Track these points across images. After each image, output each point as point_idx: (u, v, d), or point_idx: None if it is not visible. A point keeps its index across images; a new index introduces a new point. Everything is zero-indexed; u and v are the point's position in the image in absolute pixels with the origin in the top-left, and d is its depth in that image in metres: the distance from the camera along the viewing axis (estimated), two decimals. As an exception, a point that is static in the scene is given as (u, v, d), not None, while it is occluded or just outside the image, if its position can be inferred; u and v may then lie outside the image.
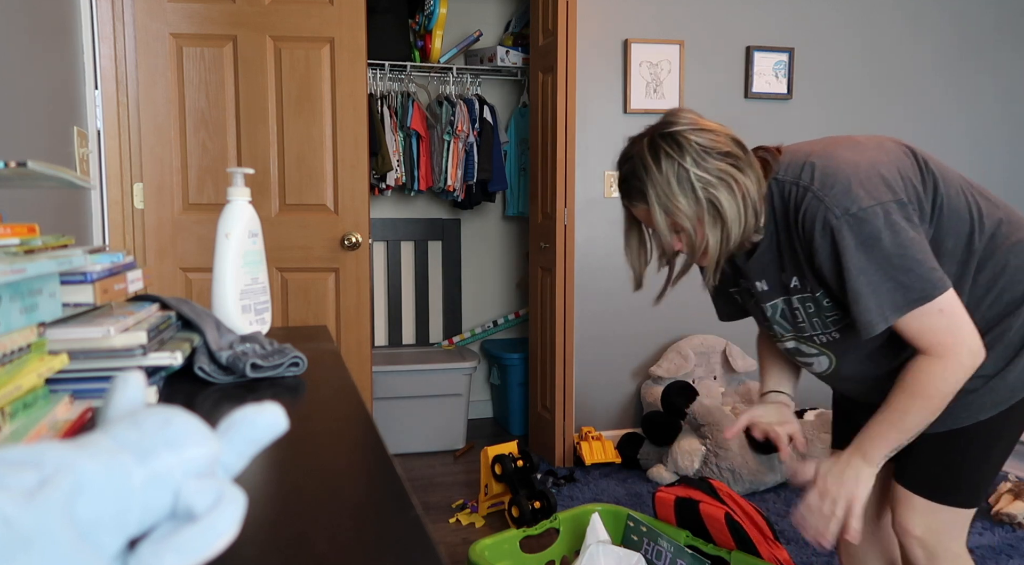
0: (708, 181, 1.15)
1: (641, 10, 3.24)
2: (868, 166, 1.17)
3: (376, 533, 0.46)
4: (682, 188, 1.15)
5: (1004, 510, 2.52)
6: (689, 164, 1.15)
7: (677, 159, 1.15)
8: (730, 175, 1.15)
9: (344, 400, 0.81)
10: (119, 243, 2.44)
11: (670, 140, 1.17)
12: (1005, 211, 1.27)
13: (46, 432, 0.56)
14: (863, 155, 1.19)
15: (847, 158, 1.18)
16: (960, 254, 1.21)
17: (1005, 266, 1.22)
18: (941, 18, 3.57)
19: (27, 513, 0.28)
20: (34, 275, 0.54)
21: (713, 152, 1.16)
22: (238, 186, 1.16)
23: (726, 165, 1.16)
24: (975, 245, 1.21)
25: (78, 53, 2.13)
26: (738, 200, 1.16)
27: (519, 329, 3.99)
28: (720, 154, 1.16)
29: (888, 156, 1.20)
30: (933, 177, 1.21)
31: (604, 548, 1.78)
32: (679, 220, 1.17)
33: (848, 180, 1.14)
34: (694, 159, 1.15)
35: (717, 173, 1.15)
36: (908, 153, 1.24)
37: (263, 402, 0.42)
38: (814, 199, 1.16)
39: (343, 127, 2.55)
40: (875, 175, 1.15)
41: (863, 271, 1.12)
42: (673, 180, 1.15)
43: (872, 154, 1.20)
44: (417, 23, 3.56)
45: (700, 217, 1.17)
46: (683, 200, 1.16)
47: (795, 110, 3.45)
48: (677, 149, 1.16)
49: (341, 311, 2.60)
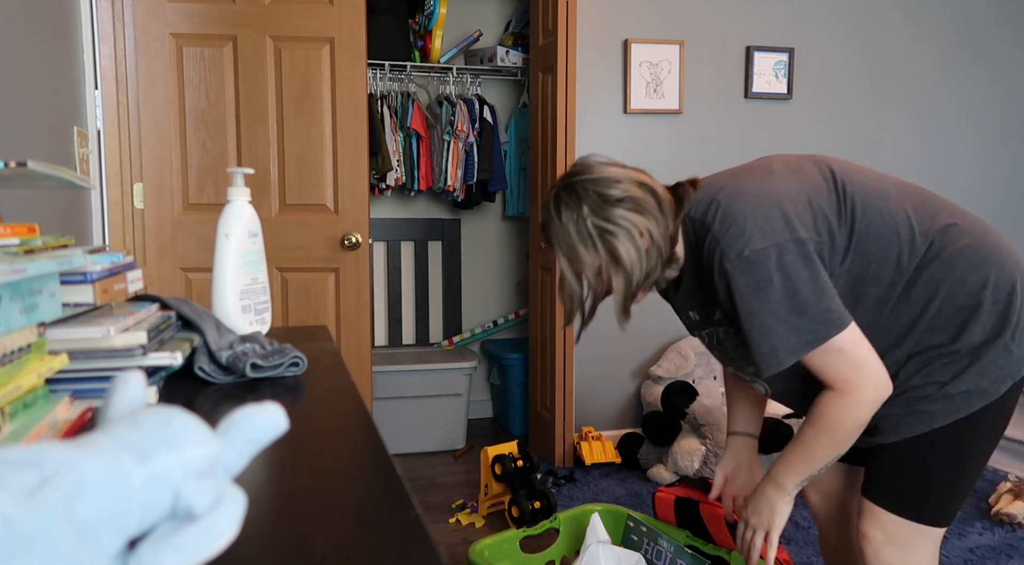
0: (604, 229, 1.18)
1: (641, 10, 3.24)
2: (770, 203, 1.17)
3: (376, 533, 0.46)
4: (581, 238, 1.19)
5: (1004, 510, 2.52)
6: (587, 214, 1.19)
7: (576, 210, 1.19)
8: (629, 221, 1.18)
9: (344, 400, 0.81)
10: (119, 243, 2.44)
11: (571, 191, 1.21)
12: (952, 215, 1.23)
13: (46, 432, 0.56)
14: (771, 188, 1.20)
15: (752, 193, 1.19)
16: (888, 275, 1.20)
17: (943, 280, 1.19)
18: (941, 18, 3.57)
19: (27, 513, 0.28)
20: (34, 275, 0.54)
21: (611, 200, 1.19)
22: (238, 186, 1.16)
23: (624, 211, 1.18)
24: (904, 265, 1.19)
25: (78, 53, 2.13)
26: (637, 245, 1.19)
27: (519, 329, 3.99)
28: (618, 201, 1.18)
29: (800, 185, 1.21)
30: (852, 203, 1.20)
31: (604, 548, 1.78)
32: (581, 269, 1.21)
33: (744, 220, 1.15)
34: (591, 208, 1.19)
35: (616, 220, 1.18)
36: (828, 179, 1.23)
37: (263, 402, 0.42)
38: (713, 240, 1.18)
39: (343, 127, 2.55)
40: (775, 212, 1.15)
41: (755, 314, 1.14)
42: (573, 230, 1.20)
43: (781, 185, 1.20)
44: (417, 23, 3.56)
45: (600, 265, 1.21)
46: (583, 250, 1.20)
47: (795, 110, 3.45)
48: (576, 200, 1.20)
49: (341, 311, 2.60)
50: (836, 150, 3.51)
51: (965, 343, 1.18)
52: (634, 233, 1.18)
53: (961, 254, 1.19)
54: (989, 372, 1.18)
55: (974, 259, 1.19)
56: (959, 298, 1.18)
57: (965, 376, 1.18)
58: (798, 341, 1.13)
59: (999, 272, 1.19)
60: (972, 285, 1.18)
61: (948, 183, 3.66)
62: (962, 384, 1.19)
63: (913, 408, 1.20)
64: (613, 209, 1.18)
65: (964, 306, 1.18)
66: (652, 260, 1.20)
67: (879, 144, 3.56)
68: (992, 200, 3.72)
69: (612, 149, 3.26)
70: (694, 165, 3.35)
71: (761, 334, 1.15)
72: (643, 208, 1.19)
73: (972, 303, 1.18)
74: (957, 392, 1.19)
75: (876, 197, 1.22)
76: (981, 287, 1.18)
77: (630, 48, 3.20)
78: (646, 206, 1.19)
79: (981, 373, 1.18)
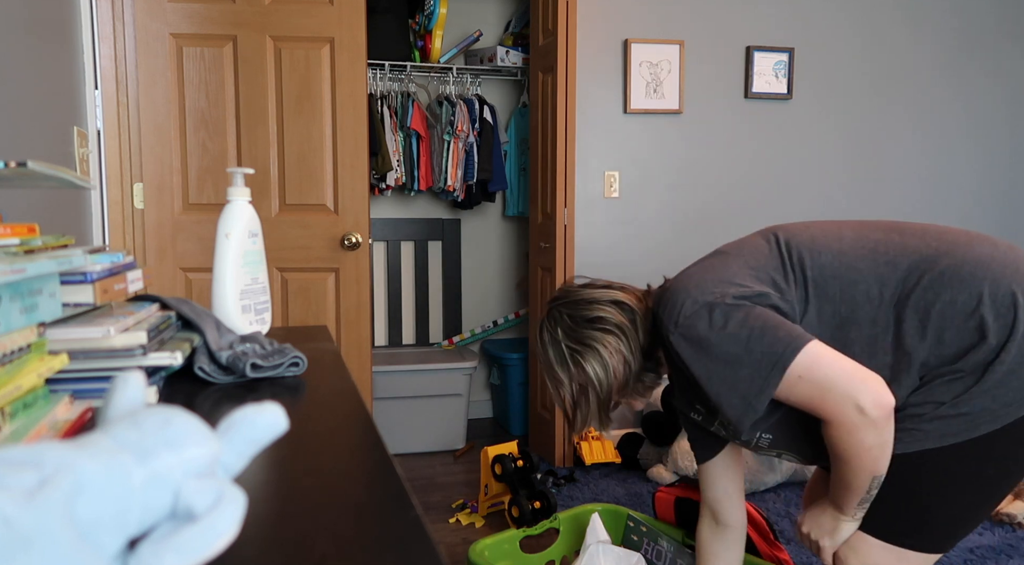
0: (575, 349, 1.28)
1: (641, 10, 3.24)
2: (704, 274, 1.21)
3: (376, 533, 0.46)
4: (558, 359, 1.30)
5: (1004, 510, 2.52)
6: (561, 337, 1.30)
7: (552, 333, 1.31)
8: (598, 341, 1.27)
9: (344, 400, 0.81)
10: (119, 243, 2.44)
11: (549, 316, 1.33)
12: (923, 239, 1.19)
13: (46, 432, 0.56)
14: (710, 264, 1.24)
15: (691, 273, 1.24)
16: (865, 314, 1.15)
17: (931, 307, 1.12)
18: (941, 18, 3.57)
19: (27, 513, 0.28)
20: (34, 275, 0.54)
21: (582, 321, 1.28)
22: (238, 186, 1.16)
23: (593, 332, 1.27)
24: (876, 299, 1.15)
25: (78, 53, 2.13)
26: (605, 362, 1.26)
27: (519, 329, 3.99)
28: (588, 322, 1.28)
29: (738, 255, 1.24)
30: (798, 254, 1.21)
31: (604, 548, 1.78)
32: (559, 389, 1.31)
33: (679, 295, 1.20)
34: (564, 331, 1.29)
35: (584, 341, 1.27)
36: (770, 241, 1.25)
37: (263, 402, 0.42)
38: (662, 325, 1.22)
39: (343, 127, 2.55)
40: (708, 280, 1.19)
41: (711, 373, 1.15)
42: (551, 353, 1.31)
43: (719, 260, 1.24)
44: (417, 23, 3.56)
45: (573, 382, 1.29)
46: (558, 370, 1.30)
47: (795, 110, 3.45)
48: (553, 324, 1.32)
49: (341, 311, 2.60)
50: (836, 150, 3.51)
51: (968, 361, 1.10)
52: (603, 352, 1.26)
53: (943, 276, 1.13)
54: (1000, 394, 1.08)
55: (957, 278, 1.12)
56: (956, 320, 1.11)
57: (967, 396, 1.10)
58: (759, 380, 1.11)
59: (993, 284, 1.11)
60: (965, 304, 1.11)
61: (948, 182, 3.66)
62: (963, 405, 1.10)
63: (903, 425, 1.13)
64: (584, 331, 1.27)
65: (964, 327, 1.10)
66: (622, 375, 1.28)
67: (879, 144, 3.56)
68: (993, 200, 3.72)
69: (612, 149, 3.26)
70: (694, 165, 3.35)
71: (725, 388, 1.14)
72: (614, 327, 1.27)
73: (973, 323, 1.10)
74: (956, 413, 1.10)
75: (827, 242, 1.21)
76: (976, 304, 1.10)
77: (630, 48, 3.20)
78: (617, 324, 1.27)
79: (988, 394, 1.09)
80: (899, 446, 1.14)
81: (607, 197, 3.26)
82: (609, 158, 3.26)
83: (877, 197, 3.58)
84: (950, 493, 1.14)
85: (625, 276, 3.32)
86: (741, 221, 3.42)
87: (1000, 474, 1.14)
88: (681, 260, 3.36)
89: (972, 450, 1.11)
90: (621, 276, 3.29)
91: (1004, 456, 1.12)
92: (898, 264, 1.16)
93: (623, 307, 1.29)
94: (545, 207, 3.19)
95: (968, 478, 1.13)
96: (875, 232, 1.22)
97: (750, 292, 1.15)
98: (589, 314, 1.28)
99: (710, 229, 3.39)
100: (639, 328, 1.28)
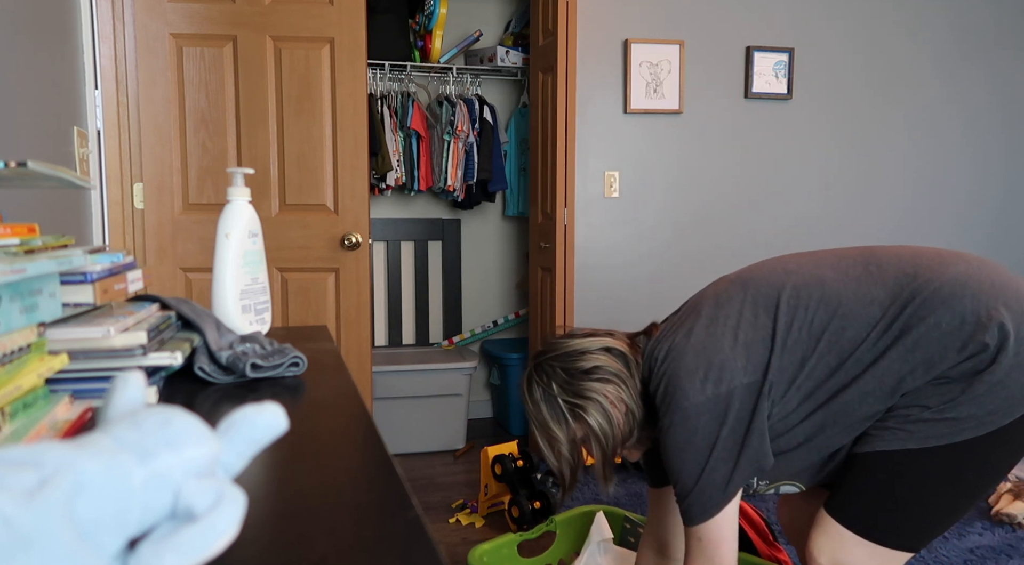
0: (574, 404, 1.22)
1: (641, 10, 3.24)
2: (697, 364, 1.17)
3: (376, 533, 0.46)
4: (554, 416, 1.23)
5: (1004, 510, 2.52)
6: (556, 392, 1.23)
7: (546, 388, 1.24)
8: (598, 392, 1.21)
9: (344, 400, 0.81)
10: (119, 243, 2.44)
11: (540, 370, 1.25)
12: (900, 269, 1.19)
13: (46, 432, 0.56)
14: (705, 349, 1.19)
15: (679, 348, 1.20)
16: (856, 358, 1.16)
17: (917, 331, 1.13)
18: (940, 19, 3.57)
19: (27, 513, 0.28)
20: (34, 275, 0.54)
21: (578, 373, 1.22)
22: (238, 186, 1.16)
23: (592, 383, 1.21)
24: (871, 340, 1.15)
25: (78, 53, 2.13)
26: (608, 415, 1.22)
27: (519, 329, 3.99)
28: (585, 373, 1.22)
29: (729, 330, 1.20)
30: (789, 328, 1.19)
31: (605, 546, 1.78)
32: (557, 447, 1.25)
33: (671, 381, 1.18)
34: (560, 386, 1.22)
35: (584, 394, 1.21)
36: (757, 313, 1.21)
37: (263, 402, 0.42)
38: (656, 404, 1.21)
39: (343, 127, 2.55)
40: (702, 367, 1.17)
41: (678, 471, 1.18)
42: (545, 410, 1.24)
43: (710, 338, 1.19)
44: (417, 23, 3.56)
45: (575, 438, 1.24)
46: (555, 427, 1.24)
47: (795, 110, 3.45)
48: (546, 379, 1.24)
49: (341, 311, 2.60)
50: (836, 150, 3.51)
51: (957, 369, 1.12)
52: (604, 404, 1.21)
53: (925, 302, 1.14)
54: (986, 402, 1.11)
55: (937, 301, 1.13)
56: (943, 342, 1.12)
57: (954, 404, 1.12)
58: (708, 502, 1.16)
59: (973, 301, 1.13)
60: (949, 324, 1.12)
61: (945, 183, 3.66)
62: (950, 411, 1.12)
63: (890, 425, 1.16)
64: (581, 383, 1.22)
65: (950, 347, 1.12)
66: (627, 425, 1.24)
67: (879, 144, 3.56)
68: (989, 201, 3.72)
69: (612, 149, 3.26)
70: (694, 165, 3.35)
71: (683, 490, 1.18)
72: (612, 376, 1.22)
73: (959, 343, 1.11)
74: (942, 418, 1.12)
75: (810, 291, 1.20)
76: (960, 323, 1.12)
77: (630, 48, 3.20)
78: (612, 373, 1.22)
79: (975, 402, 1.11)
80: (882, 443, 1.16)
81: (607, 197, 3.26)
82: (609, 158, 3.25)
83: (875, 197, 3.58)
84: (928, 493, 1.16)
85: (625, 276, 3.33)
86: (741, 221, 3.42)
87: (978, 478, 1.16)
88: (681, 260, 3.37)
89: (953, 453, 1.13)
90: (622, 276, 3.30)
91: (984, 461, 1.15)
92: (880, 301, 1.17)
93: (615, 353, 1.25)
94: (545, 207, 3.19)
95: (947, 480, 1.15)
96: (854, 267, 1.22)
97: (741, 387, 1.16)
98: (584, 365, 1.23)
99: (710, 229, 3.39)
100: (635, 375, 1.24)
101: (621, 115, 3.26)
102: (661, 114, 3.30)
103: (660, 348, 1.23)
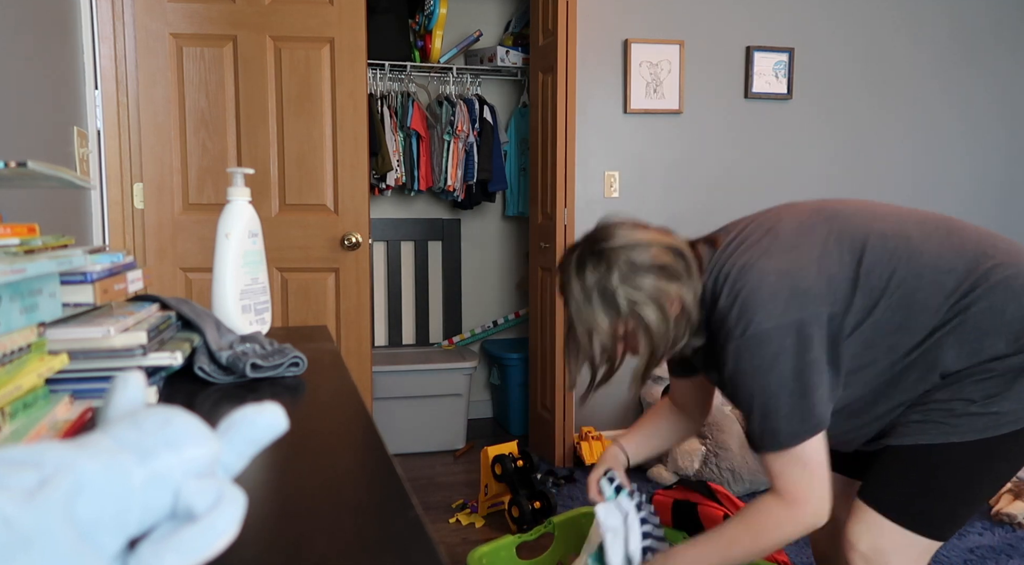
0: (635, 300, 1.15)
1: (641, 10, 3.24)
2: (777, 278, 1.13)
3: (376, 533, 0.46)
4: (606, 305, 1.16)
5: (1004, 510, 2.52)
6: (616, 282, 1.15)
7: (604, 277, 1.15)
8: (661, 291, 1.15)
9: (344, 400, 0.81)
10: (119, 243, 2.44)
11: (598, 257, 1.17)
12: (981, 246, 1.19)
13: (46, 432, 0.56)
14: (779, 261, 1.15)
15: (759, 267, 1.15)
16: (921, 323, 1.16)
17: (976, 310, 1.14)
18: (940, 20, 3.57)
19: (27, 513, 0.28)
20: (34, 275, 0.54)
21: (642, 267, 1.15)
22: (238, 186, 1.16)
23: (655, 280, 1.15)
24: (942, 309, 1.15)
25: (78, 53, 2.13)
26: (667, 314, 1.16)
27: (519, 329, 3.99)
28: (648, 268, 1.15)
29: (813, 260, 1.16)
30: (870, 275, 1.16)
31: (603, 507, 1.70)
32: (595, 336, 1.18)
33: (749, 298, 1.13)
34: (621, 277, 1.15)
35: (646, 289, 1.15)
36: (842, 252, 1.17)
37: (263, 402, 0.42)
38: (719, 316, 1.17)
39: (343, 127, 2.55)
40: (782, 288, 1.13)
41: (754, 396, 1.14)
42: (597, 297, 1.16)
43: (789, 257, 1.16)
44: (417, 23, 3.56)
45: (622, 334, 1.18)
46: (602, 316, 1.16)
47: (795, 110, 3.45)
48: (605, 267, 1.16)
49: (341, 311, 2.60)
50: (836, 150, 3.51)
51: (1003, 363, 1.13)
52: (664, 302, 1.16)
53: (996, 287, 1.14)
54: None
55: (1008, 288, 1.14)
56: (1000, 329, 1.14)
57: (999, 398, 1.13)
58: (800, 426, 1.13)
59: None
60: (1012, 315, 1.13)
61: (945, 184, 3.66)
62: (994, 406, 1.13)
63: (932, 418, 1.17)
64: (643, 278, 1.15)
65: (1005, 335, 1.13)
66: (681, 328, 1.19)
67: (878, 144, 3.56)
68: (989, 201, 3.72)
69: (612, 149, 3.26)
70: (694, 165, 3.35)
71: (763, 415, 1.14)
72: (674, 275, 1.16)
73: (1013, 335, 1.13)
74: (986, 412, 1.14)
75: (897, 244, 1.18)
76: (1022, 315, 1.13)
77: (630, 48, 3.20)
78: (677, 272, 1.16)
79: (1018, 397, 1.13)
80: (927, 437, 1.18)
81: (607, 197, 3.26)
82: (609, 158, 3.25)
83: (875, 197, 3.58)
84: (962, 484, 1.19)
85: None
86: (741, 221, 3.42)
87: (1009, 470, 1.20)
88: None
89: (992, 446, 1.15)
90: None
91: (1018, 453, 1.18)
92: (957, 272, 1.16)
93: (679, 254, 1.18)
94: (545, 207, 3.19)
95: (984, 472, 1.18)
96: (937, 232, 1.21)
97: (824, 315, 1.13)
98: (649, 259, 1.15)
99: (710, 229, 3.38)
100: (695, 281, 1.18)
101: (621, 115, 3.26)
102: (661, 114, 3.30)
103: (732, 263, 1.18)
